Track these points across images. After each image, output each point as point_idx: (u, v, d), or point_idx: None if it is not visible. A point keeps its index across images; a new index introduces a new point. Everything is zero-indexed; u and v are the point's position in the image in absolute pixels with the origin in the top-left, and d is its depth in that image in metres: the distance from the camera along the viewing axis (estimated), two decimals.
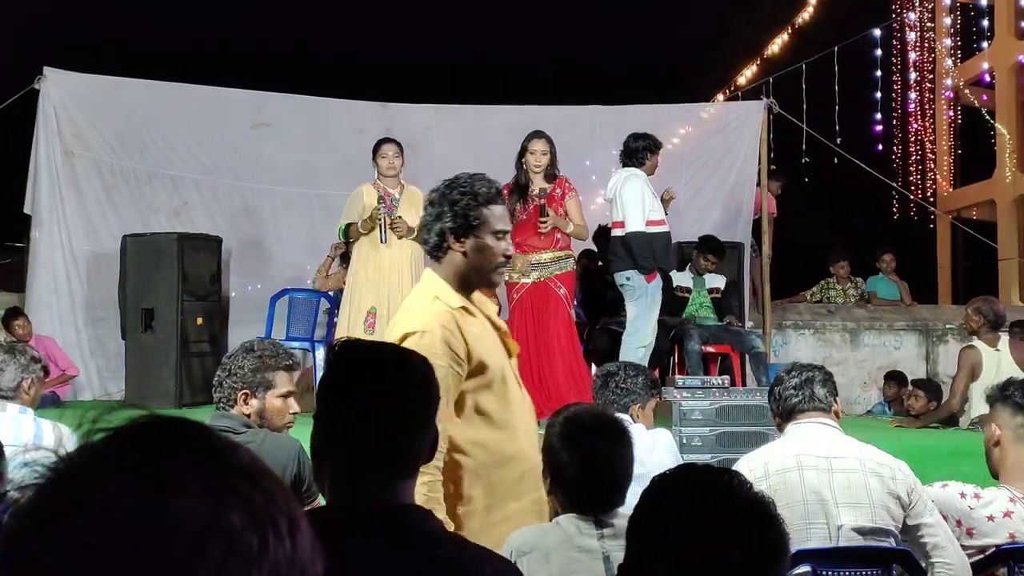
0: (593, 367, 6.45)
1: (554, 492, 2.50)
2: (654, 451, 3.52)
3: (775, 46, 12.33)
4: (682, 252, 7.81)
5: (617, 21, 15.23)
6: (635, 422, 3.60)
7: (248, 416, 3.03)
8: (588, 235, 6.72)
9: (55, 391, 7.31)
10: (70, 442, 3.16)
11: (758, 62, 12.39)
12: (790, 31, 12.46)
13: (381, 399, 1.64)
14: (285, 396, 3.08)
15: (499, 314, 7.72)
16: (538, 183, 6.46)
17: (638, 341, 6.36)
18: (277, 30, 14.38)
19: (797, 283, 10.05)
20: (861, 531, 2.89)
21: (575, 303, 6.93)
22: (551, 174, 6.47)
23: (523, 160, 6.47)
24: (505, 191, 6.43)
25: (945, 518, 2.95)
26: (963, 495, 2.95)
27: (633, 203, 6.34)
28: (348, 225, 6.36)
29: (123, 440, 0.66)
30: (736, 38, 13.15)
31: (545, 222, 6.30)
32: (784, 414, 3.17)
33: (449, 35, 14.72)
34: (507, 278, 6.51)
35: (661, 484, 1.43)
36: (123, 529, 0.60)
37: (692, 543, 1.31)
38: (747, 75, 12.11)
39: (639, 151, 6.57)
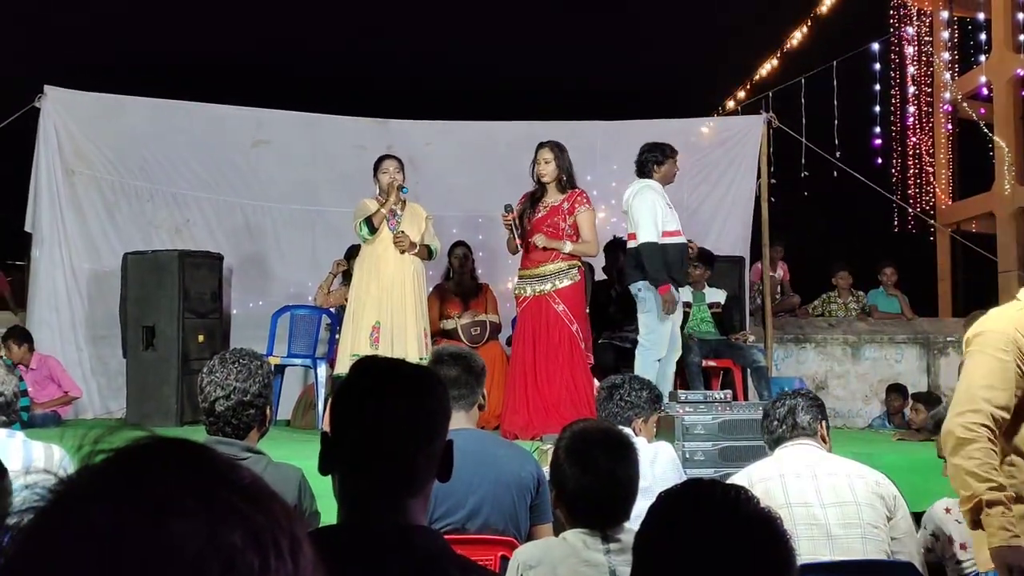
0: (596, 382, 6.42)
1: (559, 506, 2.54)
2: (656, 464, 3.54)
3: (775, 61, 12.39)
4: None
5: (617, 38, 15.28)
6: (637, 435, 3.61)
7: (262, 434, 2.95)
8: (598, 251, 6.59)
9: (56, 410, 7.31)
10: (65, 462, 3.11)
11: (758, 77, 12.44)
12: (790, 46, 12.51)
13: (392, 416, 1.63)
14: None
15: (501, 331, 7.70)
16: (552, 194, 6.40)
17: (654, 354, 6.26)
18: (277, 47, 14.42)
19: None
20: (849, 527, 2.97)
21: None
22: (564, 185, 6.42)
23: (533, 172, 6.44)
24: (520, 202, 6.47)
25: (936, 539, 2.97)
26: (948, 510, 2.96)
27: (644, 214, 6.25)
28: (369, 218, 6.21)
29: (123, 461, 0.65)
30: (737, 54, 13.21)
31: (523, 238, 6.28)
32: (771, 444, 3.39)
33: (449, 52, 14.76)
34: (516, 291, 6.52)
35: (668, 499, 1.42)
36: (123, 551, 0.60)
37: (699, 559, 1.30)
38: (747, 89, 12.16)
39: (646, 163, 6.52)
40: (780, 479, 3.11)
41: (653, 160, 6.52)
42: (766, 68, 12.54)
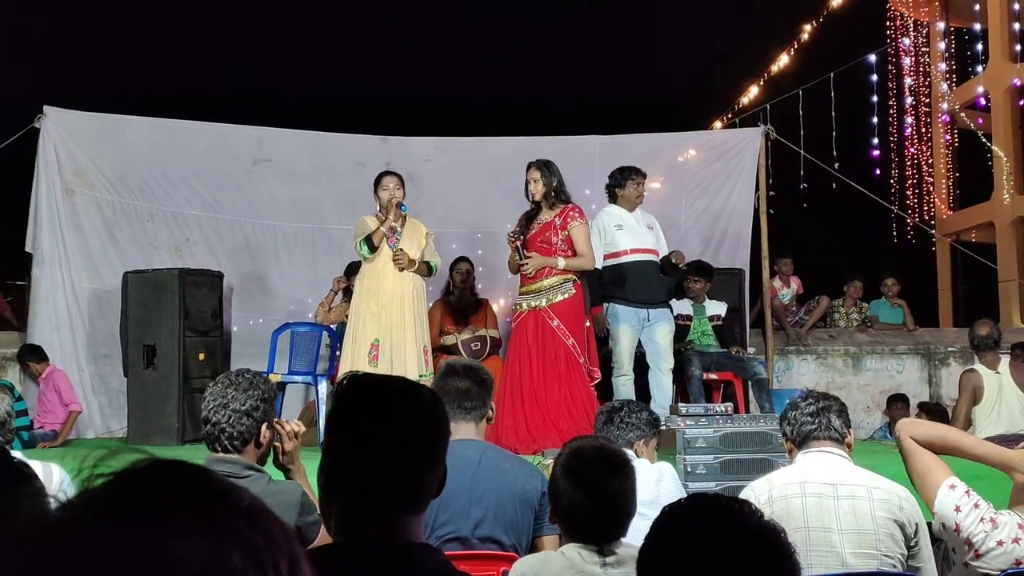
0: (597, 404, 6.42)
1: (555, 520, 2.56)
2: (661, 483, 3.55)
3: (772, 73, 12.42)
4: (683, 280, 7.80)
5: (616, 52, 15.33)
6: (639, 457, 3.61)
7: (259, 449, 2.96)
8: (594, 265, 6.66)
9: (55, 428, 7.29)
10: (65, 483, 3.10)
11: (755, 90, 12.47)
12: (786, 58, 12.55)
13: (389, 433, 1.62)
14: None
15: (501, 346, 7.72)
16: (544, 212, 6.44)
17: (616, 373, 6.63)
18: (277, 66, 14.47)
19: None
20: (864, 556, 2.89)
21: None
22: (555, 202, 6.44)
23: (527, 192, 6.50)
24: (518, 223, 6.50)
25: (958, 530, 2.92)
26: (982, 520, 2.92)
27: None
28: (369, 236, 6.20)
29: (122, 484, 0.65)
30: (734, 66, 13.24)
31: (526, 264, 6.29)
32: (797, 440, 3.18)
33: (448, 68, 14.81)
34: (514, 307, 6.55)
35: (672, 513, 1.42)
36: (125, 573, 0.60)
37: (703, 573, 1.30)
38: (744, 102, 12.19)
39: (607, 189, 6.98)
40: (802, 498, 2.98)
41: (614, 184, 6.92)
42: (764, 80, 12.57)
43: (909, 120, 15.41)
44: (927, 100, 15.82)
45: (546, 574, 2.41)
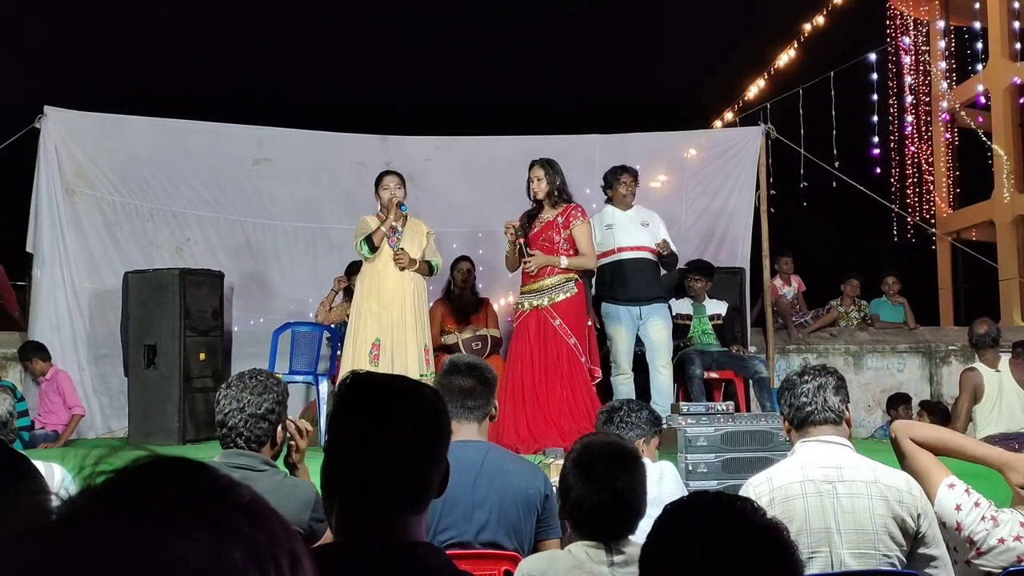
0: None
1: (565, 516, 2.56)
2: (662, 482, 3.54)
3: (772, 73, 12.42)
4: (683, 279, 7.80)
5: (616, 52, 15.32)
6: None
7: (274, 449, 2.96)
8: (596, 264, 6.67)
9: (56, 429, 7.30)
10: (66, 482, 3.10)
11: (755, 89, 12.47)
12: (786, 57, 12.55)
13: (390, 432, 1.62)
14: None
15: (502, 345, 7.75)
16: (547, 211, 6.45)
17: (614, 373, 6.69)
18: (277, 66, 14.46)
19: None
20: (863, 557, 2.88)
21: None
22: (557, 201, 6.45)
23: (529, 190, 6.52)
24: (519, 221, 6.51)
25: (959, 529, 2.91)
26: (983, 518, 2.91)
27: None
28: (369, 236, 6.22)
29: (124, 482, 0.65)
30: (734, 66, 13.24)
31: (529, 262, 6.30)
32: (796, 422, 3.10)
33: (448, 68, 14.80)
34: (515, 307, 6.56)
35: (674, 511, 1.42)
36: (125, 571, 0.60)
37: (705, 571, 1.30)
38: (744, 101, 12.19)
39: (602, 190, 7.08)
40: (803, 499, 2.91)
41: (606, 186, 7.04)
42: (764, 79, 12.58)
43: (909, 119, 15.42)
44: (927, 99, 15.82)
45: (552, 573, 2.39)
